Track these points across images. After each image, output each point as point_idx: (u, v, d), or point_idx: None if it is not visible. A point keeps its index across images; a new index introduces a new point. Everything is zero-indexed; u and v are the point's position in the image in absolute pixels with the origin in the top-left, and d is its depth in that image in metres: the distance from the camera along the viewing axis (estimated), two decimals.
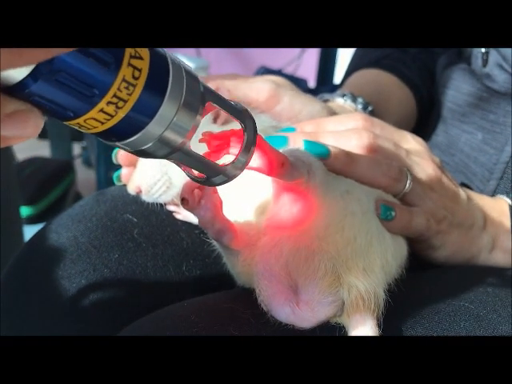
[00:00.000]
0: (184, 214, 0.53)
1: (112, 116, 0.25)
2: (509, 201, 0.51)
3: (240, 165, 0.30)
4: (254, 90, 0.50)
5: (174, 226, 0.53)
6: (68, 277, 0.49)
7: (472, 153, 0.60)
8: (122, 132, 0.26)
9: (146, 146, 0.27)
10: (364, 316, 0.36)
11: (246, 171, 0.31)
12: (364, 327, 0.35)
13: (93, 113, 0.24)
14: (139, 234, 0.51)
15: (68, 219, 0.53)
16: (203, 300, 0.42)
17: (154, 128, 0.26)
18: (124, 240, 0.51)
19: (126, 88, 0.24)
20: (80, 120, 0.25)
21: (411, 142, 0.48)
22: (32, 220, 1.41)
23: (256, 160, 0.31)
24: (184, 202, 0.36)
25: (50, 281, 0.49)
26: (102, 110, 0.24)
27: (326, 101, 0.61)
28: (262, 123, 0.49)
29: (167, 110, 0.26)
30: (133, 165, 0.52)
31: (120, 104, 0.24)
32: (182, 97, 0.26)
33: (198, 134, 0.31)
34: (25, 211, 1.39)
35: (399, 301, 0.38)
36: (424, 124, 0.72)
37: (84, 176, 1.76)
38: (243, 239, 0.38)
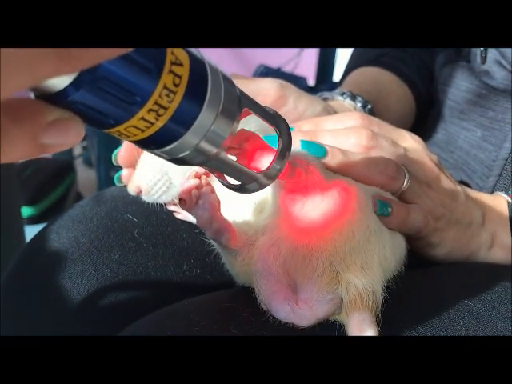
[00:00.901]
0: (184, 214, 0.53)
1: (152, 124, 0.24)
2: (508, 198, 0.51)
3: (274, 172, 0.29)
4: (261, 92, 0.50)
5: (175, 225, 0.53)
6: (69, 277, 0.49)
7: (471, 150, 0.60)
8: (161, 140, 0.26)
9: (183, 154, 0.26)
10: (362, 314, 0.36)
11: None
12: (362, 325, 0.35)
13: (134, 120, 0.24)
14: (140, 233, 0.52)
15: (68, 220, 0.53)
16: (204, 299, 0.42)
17: (193, 135, 0.26)
18: (125, 240, 0.51)
19: (167, 95, 0.24)
20: (120, 128, 0.24)
21: (409, 141, 0.48)
22: (33, 220, 1.41)
23: (254, 160, 0.31)
24: (182, 202, 0.36)
25: (51, 281, 0.49)
26: (142, 118, 0.24)
27: (325, 99, 0.61)
28: (262, 123, 0.49)
29: (206, 117, 0.25)
30: (133, 166, 0.52)
31: (161, 112, 0.24)
32: (221, 103, 0.26)
33: None
34: (26, 211, 1.39)
35: (398, 298, 0.38)
36: (423, 122, 0.72)
37: (84, 176, 1.77)
38: (241, 239, 0.38)
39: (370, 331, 0.35)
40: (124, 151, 0.52)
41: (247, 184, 0.29)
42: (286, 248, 0.36)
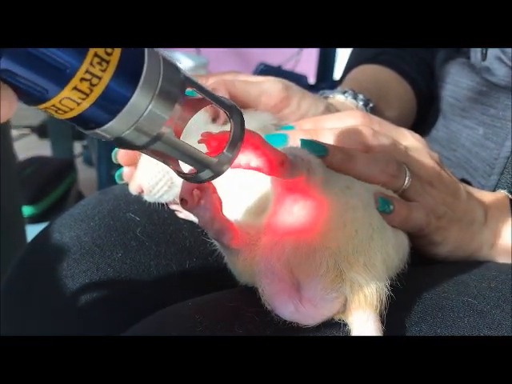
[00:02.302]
0: (186, 213, 0.53)
1: (87, 95, 0.24)
2: (510, 196, 0.51)
3: (226, 160, 0.29)
4: (264, 93, 0.49)
5: (177, 224, 0.53)
6: (71, 276, 0.49)
7: (473, 148, 0.60)
8: (98, 116, 0.25)
9: (124, 134, 0.26)
10: (367, 312, 0.36)
11: (246, 171, 0.31)
12: (366, 323, 0.35)
13: (67, 91, 0.24)
14: (142, 232, 0.52)
15: (71, 219, 0.53)
16: (207, 299, 0.42)
17: (130, 113, 0.25)
18: (127, 239, 0.51)
19: (99, 63, 0.24)
20: (55, 101, 0.24)
21: (410, 139, 0.48)
22: (34, 219, 1.41)
23: (255, 159, 0.31)
24: (183, 202, 0.36)
25: (54, 280, 0.49)
26: (75, 88, 0.24)
27: (326, 98, 0.61)
28: (264, 121, 0.49)
29: (143, 94, 0.25)
30: (133, 164, 0.52)
31: (94, 81, 0.24)
32: (159, 82, 0.26)
33: (198, 135, 0.31)
34: (27, 211, 1.39)
35: (403, 297, 0.38)
36: (424, 119, 0.72)
37: (85, 175, 1.77)
38: (243, 238, 0.38)
39: (375, 330, 0.35)
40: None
41: (200, 172, 0.29)
42: (289, 247, 0.36)
